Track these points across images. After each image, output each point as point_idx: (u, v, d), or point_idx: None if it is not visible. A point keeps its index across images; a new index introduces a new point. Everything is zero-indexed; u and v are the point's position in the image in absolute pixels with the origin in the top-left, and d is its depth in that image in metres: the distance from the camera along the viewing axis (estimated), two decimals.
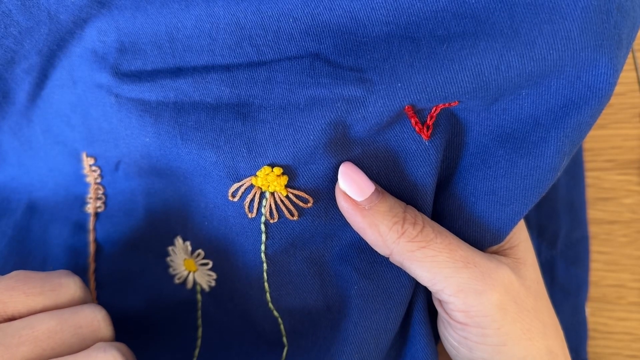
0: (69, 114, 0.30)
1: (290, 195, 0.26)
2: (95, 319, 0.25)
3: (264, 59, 0.26)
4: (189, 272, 0.31)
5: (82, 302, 0.25)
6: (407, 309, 0.29)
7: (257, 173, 0.25)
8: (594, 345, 0.39)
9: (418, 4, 0.23)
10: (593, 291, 0.39)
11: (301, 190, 0.26)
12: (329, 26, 0.24)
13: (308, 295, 0.28)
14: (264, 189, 0.26)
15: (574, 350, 0.38)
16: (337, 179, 0.26)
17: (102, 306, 0.25)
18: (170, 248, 0.31)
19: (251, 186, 0.26)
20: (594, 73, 0.22)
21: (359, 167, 0.26)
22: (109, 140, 0.29)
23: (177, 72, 0.27)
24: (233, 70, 0.27)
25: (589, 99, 0.22)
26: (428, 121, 0.25)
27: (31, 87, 0.31)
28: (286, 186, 0.26)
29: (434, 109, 0.24)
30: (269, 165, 0.25)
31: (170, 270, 0.32)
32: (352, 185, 0.25)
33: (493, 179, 0.25)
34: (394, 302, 0.27)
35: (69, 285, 0.25)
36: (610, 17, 0.21)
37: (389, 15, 0.23)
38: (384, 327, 0.27)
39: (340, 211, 0.26)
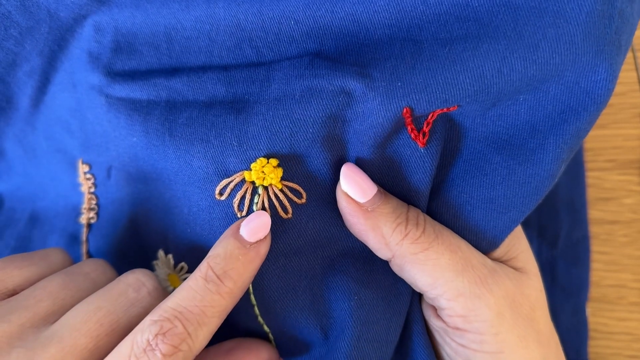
0: (69, 119, 0.30)
1: (285, 189, 0.25)
2: (99, 263, 0.26)
3: (263, 60, 0.26)
4: (174, 288, 0.29)
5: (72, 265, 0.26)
6: (405, 320, 0.28)
7: (252, 166, 0.24)
8: (595, 346, 0.39)
9: (421, 7, 0.22)
10: (594, 291, 0.39)
11: (295, 183, 0.25)
12: (331, 29, 0.24)
13: (299, 314, 0.27)
14: (258, 182, 0.25)
15: (575, 351, 0.38)
16: (332, 178, 0.25)
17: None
18: (154, 262, 0.30)
19: (242, 181, 0.25)
20: (593, 79, 0.22)
21: None
22: (102, 144, 0.29)
23: (172, 72, 0.27)
24: (231, 70, 0.26)
25: (588, 105, 0.22)
26: (424, 127, 0.24)
27: (34, 91, 0.31)
28: (281, 179, 0.25)
29: (431, 115, 0.24)
30: (264, 157, 0.24)
31: None
32: (354, 187, 0.24)
33: (490, 187, 0.25)
34: (393, 312, 0.27)
35: (56, 253, 0.26)
36: (612, 22, 0.21)
37: (392, 18, 0.23)
38: (384, 338, 0.26)
39: (334, 216, 0.26)
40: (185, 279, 0.28)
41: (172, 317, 0.21)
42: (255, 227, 0.24)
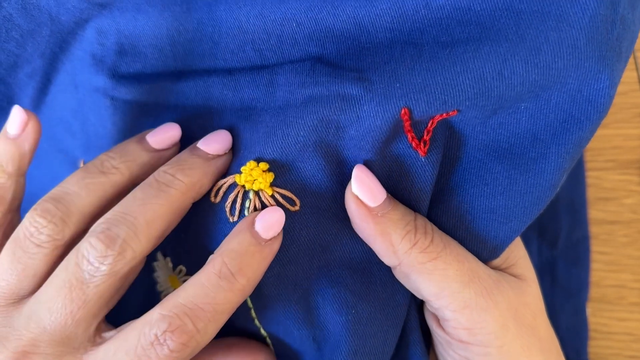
0: (71, 120, 0.30)
1: (276, 195, 0.24)
2: None
3: (266, 63, 0.26)
4: (174, 290, 0.29)
5: None
6: (401, 329, 0.27)
7: (242, 169, 0.24)
8: (595, 346, 0.39)
9: (423, 11, 0.22)
10: (594, 291, 0.39)
11: (288, 190, 0.25)
12: (333, 31, 0.24)
13: (292, 324, 0.26)
14: (247, 186, 0.24)
15: (575, 351, 0.38)
16: (327, 186, 0.25)
17: None
18: (155, 264, 0.30)
19: (234, 184, 0.25)
20: (595, 87, 0.22)
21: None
22: (104, 145, 0.29)
23: (178, 75, 0.27)
24: (235, 73, 0.26)
25: (590, 113, 0.22)
26: (425, 136, 0.24)
27: (35, 92, 0.31)
28: (272, 185, 0.24)
29: (431, 122, 0.24)
30: (254, 160, 0.24)
31: (158, 287, 0.30)
32: (365, 190, 0.24)
33: (491, 197, 0.24)
34: (391, 324, 0.26)
35: None
36: (614, 28, 0.21)
37: (394, 22, 0.23)
38: (381, 350, 0.26)
39: (330, 224, 0.25)
40: (185, 281, 0.27)
41: (181, 314, 0.21)
42: (270, 222, 0.23)
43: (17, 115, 0.25)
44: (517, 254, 0.27)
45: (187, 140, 0.27)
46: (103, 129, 0.28)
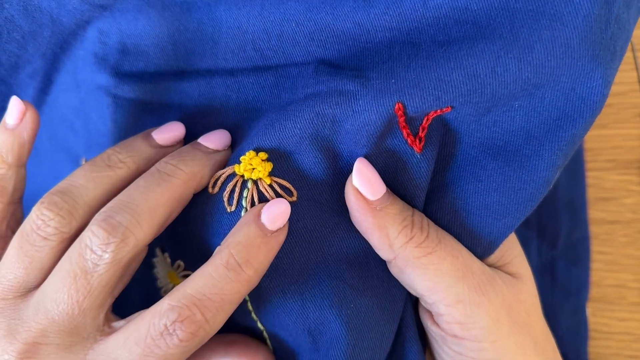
0: (73, 118, 0.30)
1: (274, 185, 0.25)
2: None
3: (269, 63, 0.26)
4: (174, 286, 0.29)
5: None
6: (397, 326, 0.27)
7: (241, 158, 0.25)
8: (595, 346, 0.39)
9: (421, 10, 0.23)
10: (594, 291, 0.39)
11: (285, 180, 0.25)
12: (333, 31, 0.24)
13: (287, 317, 0.26)
14: (246, 175, 0.25)
15: (575, 351, 0.38)
16: (324, 179, 0.25)
17: None
18: (154, 260, 0.30)
19: (233, 174, 0.25)
20: (588, 85, 0.22)
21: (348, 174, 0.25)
22: (105, 143, 0.29)
23: (180, 74, 0.28)
24: (238, 75, 0.27)
25: (584, 111, 0.22)
26: (420, 133, 0.24)
27: (36, 92, 0.31)
28: (270, 174, 0.25)
29: (426, 119, 0.24)
30: (254, 149, 0.25)
31: (158, 282, 0.31)
32: (365, 183, 0.24)
33: (485, 193, 0.25)
34: (388, 319, 0.26)
35: None
36: (608, 27, 0.21)
37: (393, 22, 0.23)
38: (378, 346, 0.26)
39: (326, 217, 0.26)
40: (183, 276, 0.28)
41: (190, 305, 0.21)
42: (276, 214, 0.23)
43: (15, 105, 0.25)
44: (512, 252, 0.27)
45: (189, 140, 0.27)
46: (104, 127, 0.29)
